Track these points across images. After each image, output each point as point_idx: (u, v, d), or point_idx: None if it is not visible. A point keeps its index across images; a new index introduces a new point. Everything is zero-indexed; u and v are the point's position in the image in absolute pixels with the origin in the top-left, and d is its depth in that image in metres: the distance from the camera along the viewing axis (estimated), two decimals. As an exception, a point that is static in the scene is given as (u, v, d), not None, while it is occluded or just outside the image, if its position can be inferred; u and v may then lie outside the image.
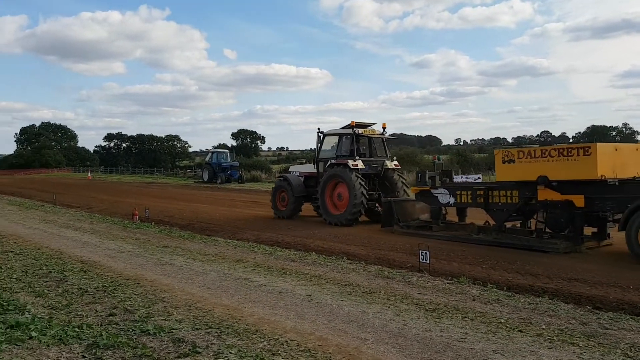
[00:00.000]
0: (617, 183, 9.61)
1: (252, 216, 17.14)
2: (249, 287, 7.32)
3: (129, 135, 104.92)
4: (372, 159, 15.54)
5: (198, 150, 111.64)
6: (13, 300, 6.28)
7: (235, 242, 11.68)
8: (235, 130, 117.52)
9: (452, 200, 12.24)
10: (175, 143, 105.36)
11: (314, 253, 10.18)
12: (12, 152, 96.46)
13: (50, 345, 4.77)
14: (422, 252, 8.45)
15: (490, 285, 7.42)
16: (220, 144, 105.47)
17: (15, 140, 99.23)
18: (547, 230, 10.42)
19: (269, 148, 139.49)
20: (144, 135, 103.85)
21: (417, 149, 71.97)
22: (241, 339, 5.03)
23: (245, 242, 11.76)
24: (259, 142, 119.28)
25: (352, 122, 15.21)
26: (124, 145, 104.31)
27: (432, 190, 12.70)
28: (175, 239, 12.23)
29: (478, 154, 62.39)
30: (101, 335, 5.00)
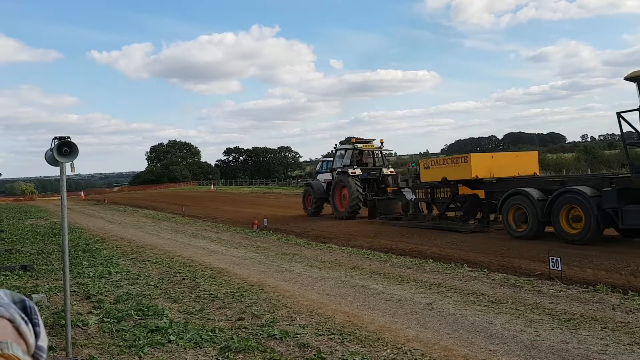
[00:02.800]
0: (494, 181, 13.33)
1: (363, 222, 17.16)
2: (367, 294, 7.31)
3: (245, 148, 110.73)
4: (372, 167, 19.47)
5: (308, 159, 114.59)
6: (152, 306, 6.81)
7: (350, 249, 11.75)
8: (343, 138, 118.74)
9: (413, 196, 15.89)
10: (287, 154, 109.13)
11: (431, 260, 9.93)
12: (144, 169, 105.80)
13: (187, 348, 5.11)
14: (552, 259, 7.86)
15: (631, 293, 6.76)
16: (329, 152, 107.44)
17: (146, 158, 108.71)
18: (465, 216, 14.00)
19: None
20: (258, 148, 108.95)
21: (538, 148, 67.06)
22: (364, 347, 5.02)
23: (359, 249, 11.80)
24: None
25: (353, 139, 19.33)
26: (241, 158, 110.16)
27: (402, 190, 16.46)
28: (292, 246, 12.61)
29: (608, 150, 56.16)
30: (232, 339, 5.26)
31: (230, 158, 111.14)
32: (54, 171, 5.08)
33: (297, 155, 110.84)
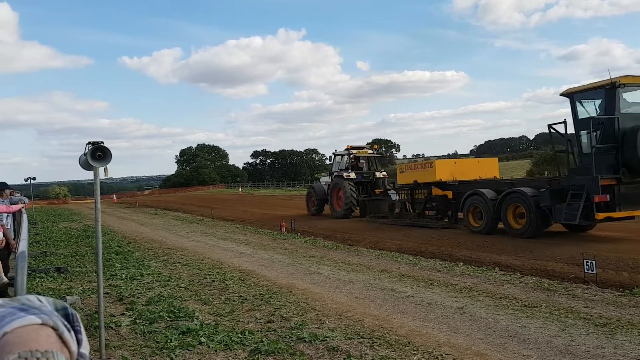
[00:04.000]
0: (457, 183, 15.05)
1: (389, 225, 17.04)
2: (396, 297, 7.25)
3: (272, 151, 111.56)
4: (367, 170, 21.50)
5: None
6: (183, 307, 6.88)
7: (378, 252, 11.67)
8: (370, 140, 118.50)
9: (397, 197, 17.78)
10: (314, 156, 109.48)
11: (461, 263, 9.79)
12: (174, 172, 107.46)
13: (218, 350, 5.15)
14: (587, 262, 7.67)
15: (672, 299, 6.51)
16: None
17: (176, 162, 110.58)
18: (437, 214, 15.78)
19: (404, 156, 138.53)
20: (285, 150, 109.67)
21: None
22: (394, 351, 4.98)
23: (388, 251, 11.71)
24: (393, 150, 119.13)
25: (348, 145, 21.53)
26: (268, 161, 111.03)
27: (388, 191, 18.74)
28: (320, 248, 12.60)
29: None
30: (262, 341, 5.28)
31: (258, 161, 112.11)
32: (87, 175, 5.20)
33: (324, 158, 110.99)
